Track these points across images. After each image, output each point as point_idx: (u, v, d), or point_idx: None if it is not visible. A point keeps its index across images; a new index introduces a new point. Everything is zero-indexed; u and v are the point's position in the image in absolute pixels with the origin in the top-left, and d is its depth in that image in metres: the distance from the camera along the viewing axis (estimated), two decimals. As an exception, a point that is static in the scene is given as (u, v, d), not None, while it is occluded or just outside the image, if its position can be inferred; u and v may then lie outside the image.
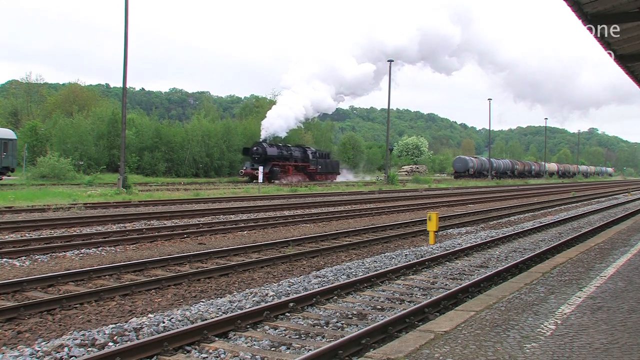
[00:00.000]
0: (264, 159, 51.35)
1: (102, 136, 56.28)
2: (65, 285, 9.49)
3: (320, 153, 62.46)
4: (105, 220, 18.10)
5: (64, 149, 50.72)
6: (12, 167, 39.31)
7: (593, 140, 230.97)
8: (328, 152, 66.55)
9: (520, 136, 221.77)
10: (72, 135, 54.53)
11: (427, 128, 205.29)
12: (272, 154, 52.91)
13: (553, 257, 11.55)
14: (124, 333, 6.78)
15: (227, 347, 6.46)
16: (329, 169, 63.69)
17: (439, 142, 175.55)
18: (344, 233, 16.75)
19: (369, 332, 6.65)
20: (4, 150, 37.71)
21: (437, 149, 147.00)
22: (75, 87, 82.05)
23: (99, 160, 53.35)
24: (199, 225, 17.63)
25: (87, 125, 57.43)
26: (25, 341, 6.79)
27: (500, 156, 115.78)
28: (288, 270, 11.58)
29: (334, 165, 64.87)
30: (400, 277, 10.67)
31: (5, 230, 15.46)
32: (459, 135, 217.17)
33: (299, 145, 61.11)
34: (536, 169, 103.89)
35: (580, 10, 11.38)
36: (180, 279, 10.11)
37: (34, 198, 24.69)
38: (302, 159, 58.36)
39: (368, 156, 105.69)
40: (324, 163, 61.73)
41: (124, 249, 13.34)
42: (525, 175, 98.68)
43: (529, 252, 13.87)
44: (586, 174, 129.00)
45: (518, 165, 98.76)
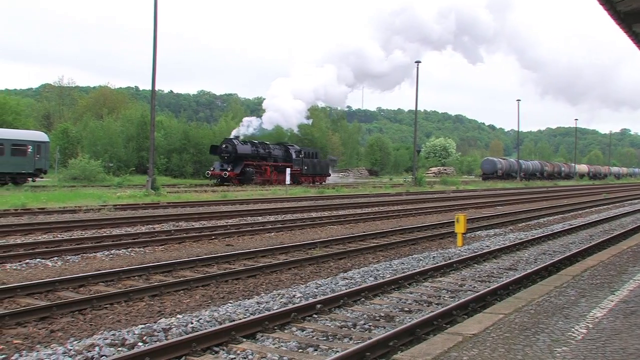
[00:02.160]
0: (234, 158, 46.33)
1: (131, 138, 56.93)
2: (95, 285, 9.62)
3: (306, 152, 56.38)
4: (135, 221, 18.30)
5: (94, 151, 51.42)
6: (45, 169, 39.93)
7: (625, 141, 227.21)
8: (316, 151, 60.51)
9: (549, 137, 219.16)
10: (102, 138, 55.27)
11: (454, 129, 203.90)
12: (244, 152, 47.31)
13: (584, 260, 11.39)
14: (153, 333, 6.85)
15: (255, 348, 6.48)
16: (317, 170, 57.54)
17: (467, 144, 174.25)
18: (371, 235, 16.71)
19: (396, 334, 6.63)
20: (37, 153, 38.33)
21: (465, 150, 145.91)
22: (106, 90, 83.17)
23: (128, 162, 53.95)
24: (227, 227, 17.73)
25: (116, 127, 58.16)
26: (58, 340, 6.89)
27: (529, 157, 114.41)
28: (315, 272, 11.59)
29: (322, 166, 58.75)
30: (427, 279, 10.61)
31: (38, 231, 15.72)
32: (487, 136, 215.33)
33: (281, 143, 55.87)
34: (566, 171, 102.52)
35: (613, 8, 11.20)
36: (208, 280, 10.18)
37: (65, 199, 25.06)
38: (283, 159, 52.67)
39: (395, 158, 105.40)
40: (310, 163, 55.57)
41: (153, 250, 13.48)
42: (555, 176, 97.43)
43: (558, 254, 13.69)
44: (618, 176, 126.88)
45: (547, 166, 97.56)
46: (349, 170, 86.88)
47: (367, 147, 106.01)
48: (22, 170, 37.61)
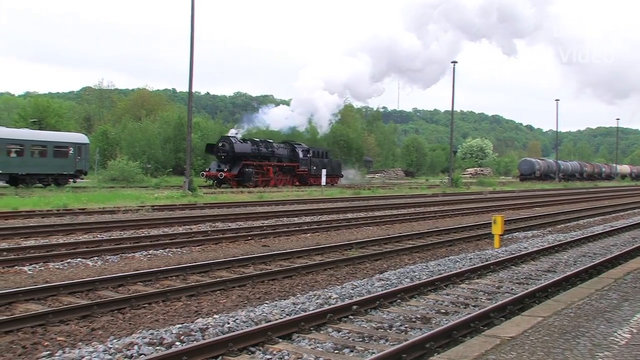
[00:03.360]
0: (231, 158, 42.82)
1: (169, 140, 57.68)
2: (134, 285, 9.76)
3: (315, 151, 53.04)
4: (172, 222, 18.52)
5: (133, 153, 52.26)
6: (85, 170, 40.73)
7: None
8: (326, 150, 56.63)
9: (589, 137, 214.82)
10: (140, 139, 56.14)
11: (491, 130, 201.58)
12: (242, 151, 43.72)
13: (626, 263, 11.16)
14: (190, 333, 6.92)
15: (291, 349, 6.50)
16: (328, 171, 52.48)
17: (504, 144, 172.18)
18: (407, 236, 16.63)
19: (433, 336, 6.58)
20: (77, 154, 39.11)
21: (502, 151, 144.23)
22: (144, 92, 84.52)
23: (165, 163, 54.68)
24: (263, 228, 17.83)
25: (154, 129, 59.02)
26: (99, 338, 7.02)
27: (568, 158, 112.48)
28: (351, 273, 11.57)
29: (333, 166, 55.12)
30: (464, 280, 10.51)
31: (79, 231, 16.03)
32: (524, 137, 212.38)
33: (287, 142, 52.06)
34: (607, 171, 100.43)
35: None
36: (245, 280, 10.24)
37: (105, 200, 25.49)
38: (289, 158, 49.58)
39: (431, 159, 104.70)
40: (320, 163, 51.64)
41: (190, 251, 13.62)
42: (595, 177, 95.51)
43: (599, 257, 13.41)
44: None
45: (587, 167, 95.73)
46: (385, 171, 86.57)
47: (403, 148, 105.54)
48: (64, 171, 38.42)
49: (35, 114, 57.04)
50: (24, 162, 36.67)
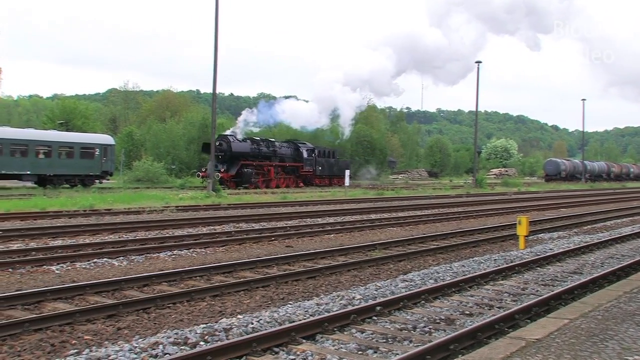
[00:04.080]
0: (229, 157, 40.97)
1: (193, 141, 58.02)
2: (159, 285, 9.84)
3: (321, 151, 50.99)
4: (196, 222, 18.64)
5: (157, 154, 52.69)
6: (111, 171, 41.19)
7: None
8: (333, 150, 54.33)
9: (617, 137, 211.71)
10: (165, 140, 56.57)
11: (516, 130, 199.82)
12: (240, 150, 41.71)
13: (654, 264, 10.98)
14: (214, 333, 6.96)
15: (315, 350, 6.51)
16: (334, 172, 51.73)
17: (529, 145, 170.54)
18: (431, 237, 16.55)
19: (457, 338, 6.54)
20: (103, 155, 39.57)
21: (526, 151, 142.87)
22: (168, 94, 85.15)
23: (189, 164, 55.02)
24: (287, 228, 17.87)
25: (178, 130, 59.40)
26: (125, 337, 7.09)
27: (595, 158, 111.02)
28: (375, 274, 11.55)
29: (340, 167, 52.06)
30: (489, 282, 10.43)
31: (105, 231, 16.20)
32: (549, 137, 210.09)
33: (291, 141, 50.14)
34: (635, 172, 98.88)
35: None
36: (268, 281, 10.27)
37: (130, 201, 25.74)
38: (292, 158, 47.58)
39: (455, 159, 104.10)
40: (326, 164, 50.42)
41: (214, 251, 13.69)
42: (623, 178, 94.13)
43: (628, 258, 13.22)
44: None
45: (614, 167, 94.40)
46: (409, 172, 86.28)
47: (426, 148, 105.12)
48: (90, 172, 38.91)
49: (62, 116, 57.81)
50: (51, 163, 37.22)
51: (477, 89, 54.55)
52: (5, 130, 39.09)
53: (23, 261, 11.32)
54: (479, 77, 54.31)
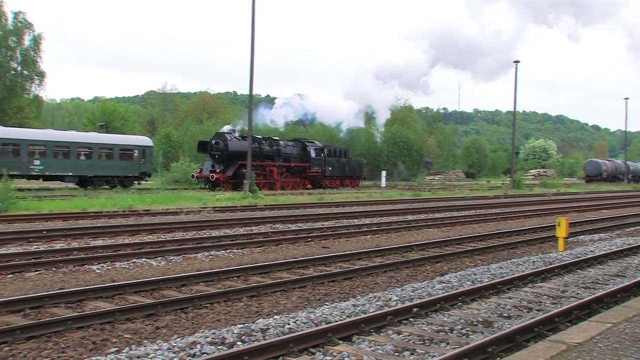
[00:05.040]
0: (226, 157, 38.49)
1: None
2: (196, 285, 9.93)
3: (331, 150, 48.06)
4: (233, 223, 18.78)
5: (195, 155, 53.20)
6: (149, 172, 41.79)
7: None
8: (345, 149, 51.03)
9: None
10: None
11: (555, 130, 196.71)
12: (238, 149, 38.54)
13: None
14: (251, 333, 7.00)
15: (351, 351, 6.50)
16: (346, 172, 48.96)
17: (569, 145, 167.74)
18: (468, 238, 16.39)
19: (495, 340, 6.46)
20: (142, 157, 40.16)
21: (566, 152, 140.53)
22: (205, 96, 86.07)
23: (227, 165, 55.37)
24: (323, 229, 17.89)
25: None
26: (163, 336, 7.18)
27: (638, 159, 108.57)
28: (411, 275, 11.49)
29: (353, 167, 49.94)
30: (527, 284, 10.28)
31: (143, 231, 16.43)
32: (590, 137, 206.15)
33: (297, 140, 47.47)
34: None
35: None
36: (305, 282, 10.30)
37: (168, 202, 26.07)
38: (298, 158, 44.75)
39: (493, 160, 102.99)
40: (337, 164, 47.43)
41: (251, 252, 13.78)
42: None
43: (671, 261, 12.91)
44: None
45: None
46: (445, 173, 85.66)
47: (463, 149, 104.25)
48: (129, 173, 39.53)
49: (102, 118, 58.89)
50: (92, 165, 37.93)
51: (515, 89, 53.86)
52: (48, 132, 40.03)
53: (65, 260, 11.56)
54: (517, 77, 53.64)
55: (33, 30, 57.35)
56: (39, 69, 57.86)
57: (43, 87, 59.35)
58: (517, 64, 53.67)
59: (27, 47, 56.91)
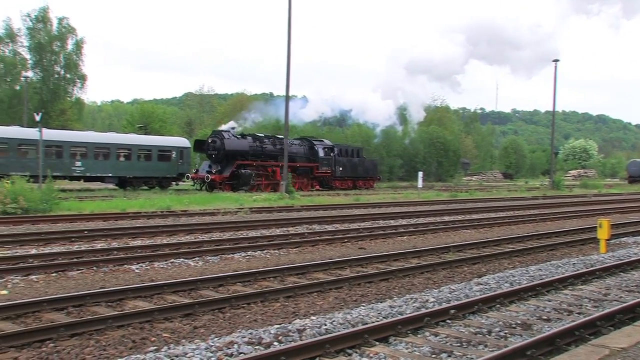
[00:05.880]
0: (223, 156, 36.60)
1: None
2: (233, 285, 10.01)
3: (342, 150, 45.67)
4: (269, 224, 18.87)
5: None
6: (187, 174, 42.29)
7: None
8: (357, 148, 48.58)
9: None
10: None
11: (596, 130, 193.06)
12: (235, 148, 36.99)
13: None
14: (287, 333, 7.02)
15: (388, 352, 6.47)
16: (359, 172, 46.51)
17: (610, 145, 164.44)
18: (506, 239, 16.19)
19: (534, 343, 6.36)
20: (180, 158, 40.66)
21: (607, 152, 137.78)
22: (242, 97, 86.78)
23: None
24: (359, 230, 17.86)
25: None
26: (200, 336, 7.25)
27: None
28: (448, 277, 11.40)
29: (366, 167, 47.42)
30: (567, 286, 10.10)
31: (181, 232, 16.62)
32: (633, 137, 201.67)
33: (305, 138, 44.73)
34: None
35: None
36: (342, 282, 10.29)
37: (205, 202, 26.32)
38: (305, 158, 42.23)
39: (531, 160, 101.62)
40: (348, 164, 45.05)
41: (287, 252, 13.82)
42: None
43: None
44: None
45: None
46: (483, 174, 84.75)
47: (501, 149, 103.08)
48: (167, 174, 40.07)
49: (141, 120, 59.83)
50: (131, 166, 38.57)
51: (554, 88, 53.00)
52: (89, 134, 40.84)
53: (106, 260, 11.76)
54: (556, 75, 52.77)
55: (76, 34, 58.71)
56: (81, 73, 59.23)
57: (84, 90, 60.78)
58: (556, 63, 52.82)
59: (70, 51, 58.21)
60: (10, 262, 11.41)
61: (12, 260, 11.58)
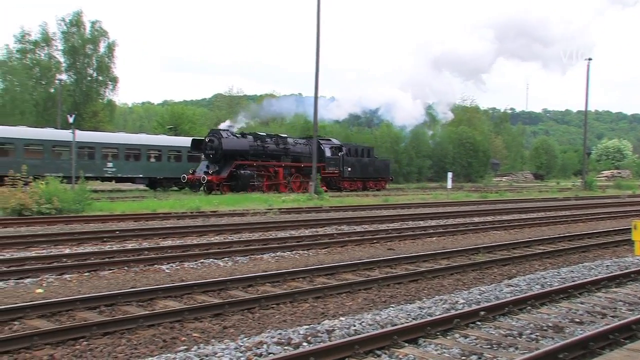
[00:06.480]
0: (221, 157, 34.99)
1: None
2: (262, 285, 10.05)
3: (351, 149, 43.97)
4: (298, 224, 18.91)
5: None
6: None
7: None
8: (368, 148, 46.74)
9: None
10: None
11: (631, 130, 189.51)
12: (233, 147, 35.39)
13: None
14: (316, 334, 7.03)
15: (417, 354, 6.45)
16: (369, 173, 44.70)
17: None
18: (537, 241, 15.99)
19: (567, 346, 6.28)
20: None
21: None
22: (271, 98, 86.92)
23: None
24: (388, 231, 17.81)
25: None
26: (230, 336, 7.30)
27: None
28: (478, 278, 11.30)
29: (377, 168, 45.57)
30: (601, 289, 9.94)
31: (211, 232, 16.74)
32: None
33: (310, 137, 40.99)
34: None
35: None
36: (370, 283, 10.28)
37: (234, 203, 26.48)
38: (310, 157, 38.26)
39: (562, 161, 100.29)
40: (357, 164, 43.26)
41: (316, 253, 13.84)
42: None
43: None
44: None
45: None
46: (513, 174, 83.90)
47: (531, 150, 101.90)
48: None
49: (171, 121, 60.37)
50: (161, 167, 39.00)
51: (587, 87, 52.25)
52: (121, 135, 41.39)
53: (137, 260, 11.90)
54: (589, 75, 52.02)
55: (108, 37, 59.58)
56: (113, 75, 60.04)
57: (116, 91, 61.61)
58: (589, 62, 52.09)
59: (102, 54, 59.09)
60: (45, 262, 11.63)
61: (47, 260, 11.81)
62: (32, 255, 12.38)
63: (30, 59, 57.13)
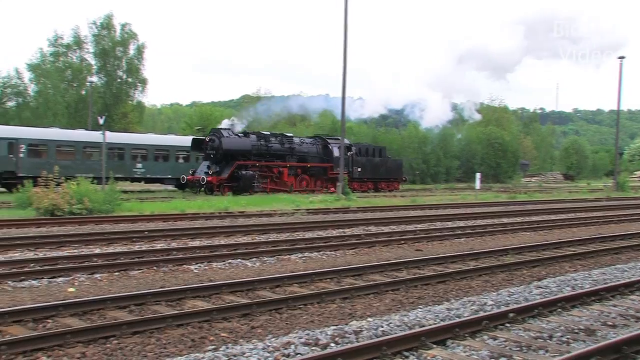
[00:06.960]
0: (222, 157, 34.12)
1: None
2: (290, 286, 10.07)
3: (361, 149, 42.47)
4: (326, 225, 18.91)
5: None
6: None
7: None
8: (379, 147, 45.42)
9: None
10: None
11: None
12: (234, 147, 34.40)
13: None
14: (344, 335, 7.03)
15: (445, 355, 6.41)
16: (380, 173, 43.32)
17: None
18: (567, 242, 15.79)
19: (599, 350, 6.19)
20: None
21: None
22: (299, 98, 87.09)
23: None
24: (416, 232, 17.73)
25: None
26: (258, 336, 7.34)
27: None
28: (507, 280, 11.20)
29: (389, 168, 44.03)
30: (634, 292, 9.78)
31: (239, 233, 16.83)
32: None
33: (318, 137, 41.60)
34: None
35: None
36: (398, 284, 10.25)
37: (262, 204, 26.58)
38: (318, 158, 39.23)
39: (593, 161, 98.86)
40: (368, 164, 41.89)
41: (344, 254, 13.83)
42: None
43: None
44: None
45: None
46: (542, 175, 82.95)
47: (561, 150, 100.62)
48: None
49: (199, 122, 60.82)
50: (189, 167, 39.27)
51: (619, 86, 51.38)
52: (150, 136, 41.83)
53: (166, 260, 12.01)
54: (621, 73, 51.16)
55: (137, 40, 60.28)
56: (142, 76, 60.72)
57: (145, 93, 62.34)
58: (621, 60, 51.23)
59: (132, 56, 59.80)
60: (77, 261, 11.81)
61: (78, 259, 11.99)
62: (64, 254, 12.59)
63: (62, 61, 58.04)
